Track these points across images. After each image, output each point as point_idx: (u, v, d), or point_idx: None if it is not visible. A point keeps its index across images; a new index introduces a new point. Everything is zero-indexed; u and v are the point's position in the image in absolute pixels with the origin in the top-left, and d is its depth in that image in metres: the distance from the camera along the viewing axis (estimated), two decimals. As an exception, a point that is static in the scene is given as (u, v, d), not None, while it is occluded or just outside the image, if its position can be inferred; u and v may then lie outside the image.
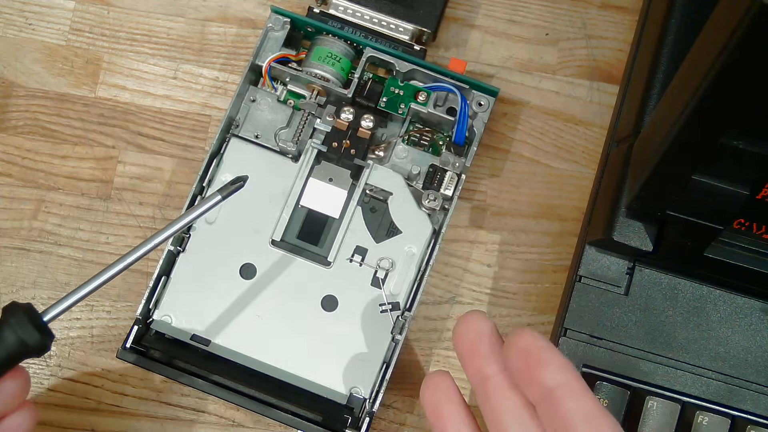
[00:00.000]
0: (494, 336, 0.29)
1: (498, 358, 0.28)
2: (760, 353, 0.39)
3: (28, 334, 0.29)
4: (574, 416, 0.25)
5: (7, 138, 0.43)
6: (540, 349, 0.26)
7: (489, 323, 0.29)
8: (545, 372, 0.26)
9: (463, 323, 0.29)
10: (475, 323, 0.29)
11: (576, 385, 0.26)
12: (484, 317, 0.29)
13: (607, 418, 0.25)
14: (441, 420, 0.29)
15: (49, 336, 0.30)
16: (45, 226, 0.43)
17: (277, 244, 0.40)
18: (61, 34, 0.45)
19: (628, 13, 0.45)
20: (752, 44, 0.24)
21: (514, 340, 0.27)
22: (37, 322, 0.30)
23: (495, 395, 0.28)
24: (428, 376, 0.30)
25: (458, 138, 0.40)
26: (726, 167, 0.31)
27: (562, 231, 0.43)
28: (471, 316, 0.29)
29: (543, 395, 0.26)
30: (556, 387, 0.26)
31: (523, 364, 0.26)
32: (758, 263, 0.36)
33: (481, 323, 0.29)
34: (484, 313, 0.29)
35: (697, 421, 0.38)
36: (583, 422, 0.25)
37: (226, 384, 0.38)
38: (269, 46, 0.42)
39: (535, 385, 0.26)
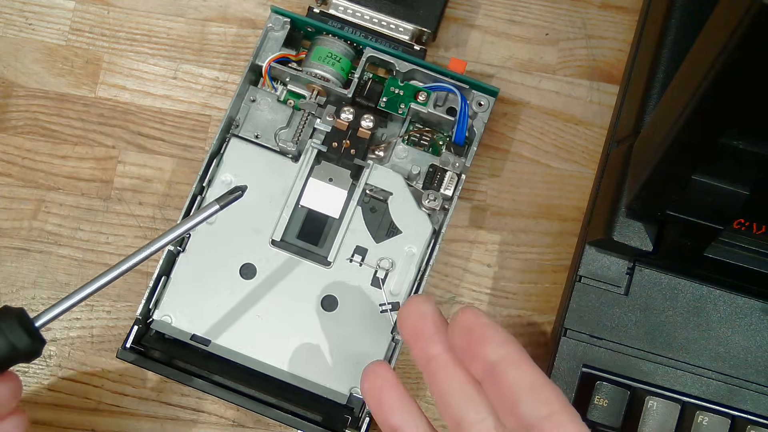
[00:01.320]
0: (437, 317, 0.29)
1: (442, 338, 0.28)
2: (760, 353, 0.39)
3: (18, 338, 0.29)
4: (517, 387, 0.25)
5: (7, 138, 0.43)
6: (482, 325, 0.26)
7: (432, 305, 0.29)
8: (487, 347, 0.26)
9: (405, 307, 0.29)
10: (418, 306, 0.29)
11: (517, 357, 0.26)
12: (427, 300, 0.29)
13: (551, 387, 0.26)
14: (383, 408, 0.29)
15: (40, 341, 0.30)
16: (45, 226, 0.43)
17: (277, 244, 0.40)
18: (61, 34, 0.45)
19: (628, 13, 0.45)
20: (752, 44, 0.24)
21: (456, 319, 0.27)
22: (28, 327, 0.30)
23: (440, 374, 0.28)
24: (365, 367, 0.30)
25: (458, 138, 0.40)
26: (726, 167, 0.31)
27: (562, 231, 0.43)
28: (414, 300, 0.29)
29: (486, 370, 0.26)
30: (498, 361, 0.26)
31: (466, 341, 0.27)
32: (758, 263, 0.36)
33: (424, 305, 0.29)
34: (428, 296, 0.30)
35: (697, 421, 0.38)
36: (527, 392, 0.25)
37: (226, 384, 0.38)
38: (269, 46, 0.42)
39: (478, 361, 0.26)
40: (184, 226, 0.34)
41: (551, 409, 0.25)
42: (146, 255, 0.33)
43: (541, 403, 0.25)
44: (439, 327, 0.28)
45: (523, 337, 0.42)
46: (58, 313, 0.31)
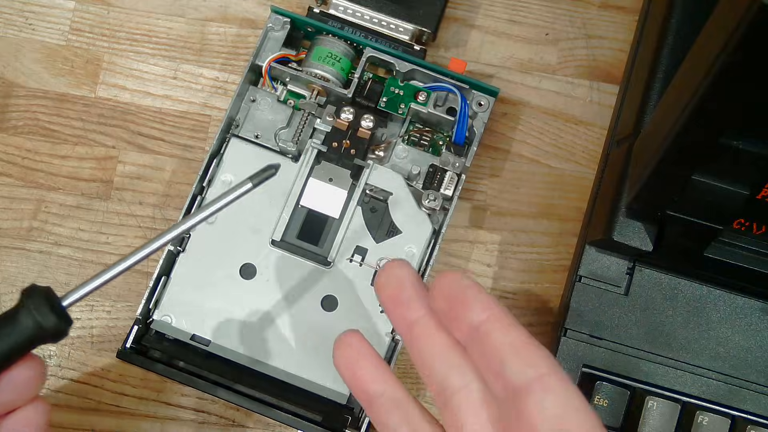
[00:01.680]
0: (416, 281, 0.27)
1: (423, 303, 0.27)
2: (760, 353, 0.39)
3: (44, 317, 0.28)
4: (503, 349, 0.24)
5: (7, 138, 0.43)
6: (463, 288, 0.25)
7: (410, 268, 0.28)
8: (469, 309, 0.25)
9: (382, 272, 0.28)
10: (396, 270, 0.28)
11: (501, 319, 0.25)
12: (404, 263, 0.28)
13: (538, 348, 0.24)
14: (358, 379, 0.28)
15: (66, 321, 0.29)
16: (45, 226, 0.43)
17: (277, 244, 0.40)
18: (61, 34, 0.45)
19: (628, 13, 0.45)
20: (752, 44, 0.24)
21: (437, 283, 0.26)
22: (55, 306, 0.29)
23: (422, 338, 0.27)
24: (337, 338, 0.29)
25: (458, 138, 0.40)
26: (726, 167, 0.31)
27: (562, 231, 0.43)
28: (391, 264, 0.28)
29: (470, 333, 0.25)
30: (481, 323, 0.25)
31: (448, 305, 0.26)
32: (758, 263, 0.36)
33: (402, 269, 0.28)
34: (405, 260, 0.28)
35: (697, 421, 0.38)
36: (512, 354, 0.24)
37: (226, 384, 0.38)
38: (269, 46, 0.42)
39: (461, 323, 0.25)
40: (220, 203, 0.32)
41: (539, 371, 0.24)
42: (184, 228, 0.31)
43: (528, 364, 0.24)
44: (419, 291, 0.27)
45: (523, 337, 0.42)
46: (87, 292, 0.30)
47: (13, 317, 0.29)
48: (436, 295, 0.26)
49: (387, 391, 0.28)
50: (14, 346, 0.28)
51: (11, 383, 0.29)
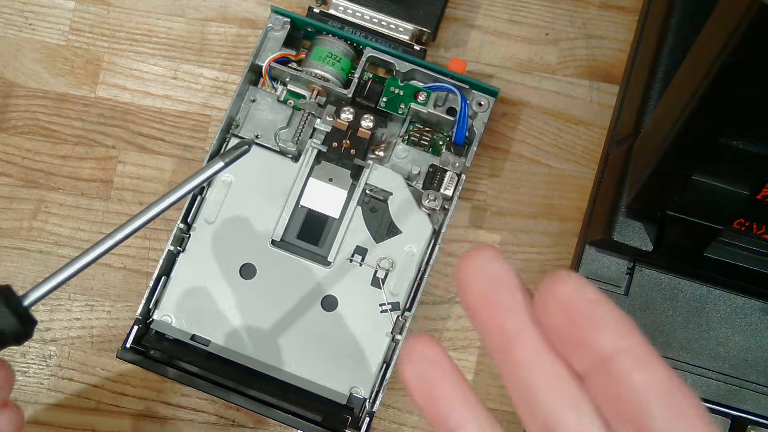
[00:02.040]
0: (517, 281, 0.21)
1: (525, 311, 0.20)
2: (760, 353, 0.39)
3: (4, 320, 0.26)
4: (646, 393, 0.19)
5: (7, 138, 0.43)
6: (590, 303, 0.19)
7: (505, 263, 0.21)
8: (600, 334, 0.19)
9: (469, 262, 0.21)
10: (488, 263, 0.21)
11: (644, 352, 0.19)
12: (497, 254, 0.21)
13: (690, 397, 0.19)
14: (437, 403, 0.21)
15: (30, 322, 0.27)
16: (45, 226, 0.43)
17: (277, 244, 0.40)
18: (61, 34, 0.45)
19: (628, 13, 0.45)
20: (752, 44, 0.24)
21: (553, 288, 0.19)
22: (14, 305, 0.27)
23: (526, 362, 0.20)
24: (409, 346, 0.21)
25: (458, 138, 0.40)
26: (726, 167, 0.31)
27: (562, 231, 0.43)
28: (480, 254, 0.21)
29: (596, 364, 0.19)
30: (616, 354, 0.19)
31: (567, 321, 0.19)
32: (758, 263, 0.36)
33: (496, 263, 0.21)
34: (495, 249, 0.21)
35: (697, 421, 0.38)
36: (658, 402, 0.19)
37: (226, 384, 0.38)
38: (269, 46, 0.42)
39: (585, 350, 0.19)
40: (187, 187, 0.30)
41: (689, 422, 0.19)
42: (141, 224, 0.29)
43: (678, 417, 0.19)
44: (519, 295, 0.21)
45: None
46: (51, 289, 0.28)
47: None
48: (550, 306, 0.20)
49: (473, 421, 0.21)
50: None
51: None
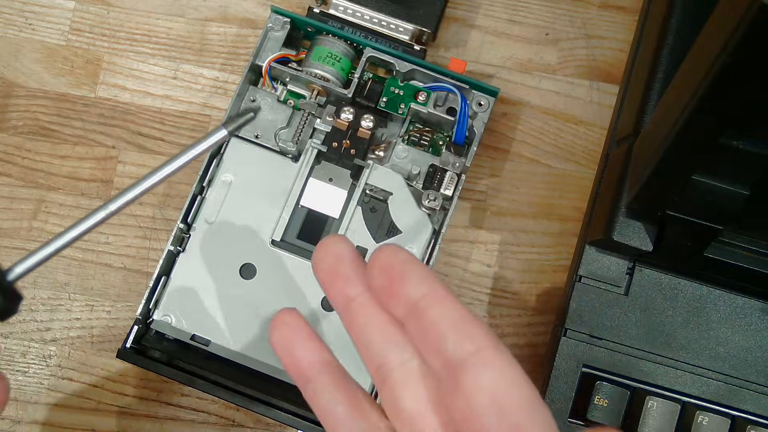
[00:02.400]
0: (355, 257, 0.27)
1: (361, 279, 0.26)
2: (760, 353, 0.39)
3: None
4: (441, 324, 0.24)
5: (7, 138, 0.44)
6: (401, 262, 0.25)
7: (348, 243, 0.27)
8: (407, 285, 0.24)
9: (320, 247, 0.27)
10: (334, 246, 0.27)
11: (440, 294, 0.24)
12: (342, 238, 0.27)
13: (477, 323, 0.24)
14: (295, 358, 0.27)
15: (14, 298, 0.26)
16: (45, 226, 0.43)
17: (277, 244, 0.40)
18: (61, 34, 0.45)
19: (628, 13, 0.45)
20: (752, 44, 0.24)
21: (375, 257, 0.25)
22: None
23: (360, 315, 0.26)
24: (274, 318, 0.28)
25: (458, 138, 0.40)
26: (726, 167, 0.31)
27: (562, 231, 0.43)
28: (329, 239, 0.27)
29: (408, 309, 0.24)
30: (420, 298, 0.24)
31: (386, 280, 0.25)
32: (758, 263, 0.36)
33: (340, 244, 0.27)
34: (342, 236, 0.28)
35: (697, 421, 0.38)
36: (451, 329, 0.23)
37: (226, 384, 0.38)
38: (269, 46, 0.42)
39: (399, 299, 0.25)
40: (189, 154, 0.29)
41: (477, 346, 0.23)
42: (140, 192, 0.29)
43: (466, 339, 0.23)
44: (358, 267, 0.27)
45: (523, 337, 0.42)
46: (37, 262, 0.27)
47: None
48: (374, 270, 0.25)
49: (326, 371, 0.27)
50: None
51: None
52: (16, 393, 0.41)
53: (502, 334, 0.42)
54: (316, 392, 0.27)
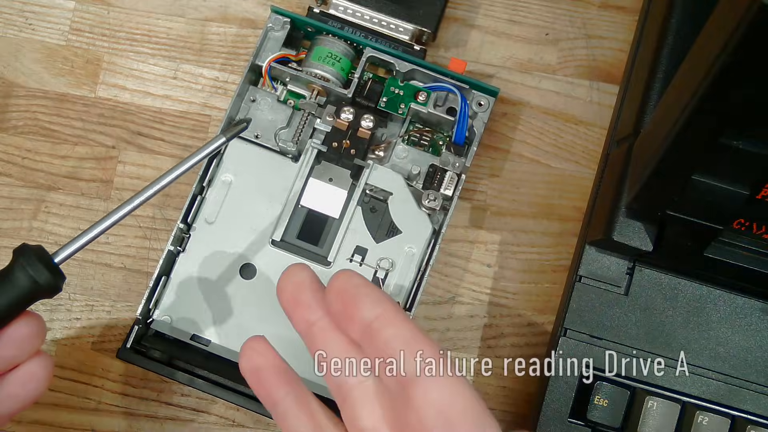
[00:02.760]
0: (315, 284, 0.29)
1: (320, 304, 0.28)
2: (760, 353, 0.39)
3: (38, 273, 0.30)
4: (393, 343, 0.25)
5: (7, 138, 0.44)
6: (355, 286, 0.27)
7: (308, 272, 0.29)
8: (361, 307, 0.26)
9: (283, 277, 0.29)
10: (295, 274, 0.29)
11: (392, 315, 0.26)
12: (303, 267, 0.29)
13: (425, 340, 0.25)
14: (263, 384, 0.29)
15: (60, 276, 0.31)
16: (45, 226, 0.43)
17: (277, 244, 0.40)
18: (61, 34, 0.45)
19: (628, 13, 0.45)
20: (752, 44, 0.24)
21: (331, 284, 0.27)
22: (48, 262, 0.30)
23: (319, 339, 0.28)
24: (244, 345, 0.30)
25: (458, 138, 0.40)
26: (726, 167, 0.31)
27: (562, 231, 0.43)
28: (291, 269, 0.29)
29: (363, 330, 0.26)
30: (373, 319, 0.26)
31: (342, 304, 0.27)
32: (758, 263, 0.36)
33: (301, 273, 0.29)
34: (304, 264, 0.30)
35: (697, 421, 0.38)
36: (402, 346, 0.25)
37: (226, 384, 0.38)
38: (269, 46, 0.42)
39: (354, 322, 0.26)
40: (192, 160, 0.34)
41: (427, 361, 0.25)
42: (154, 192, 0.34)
43: (415, 356, 0.25)
44: (317, 293, 0.28)
45: (523, 337, 0.42)
46: (77, 249, 0.32)
47: (8, 275, 0.30)
48: (332, 296, 0.27)
49: (291, 395, 0.29)
50: (11, 303, 0.30)
51: (11, 339, 0.30)
52: (16, 393, 0.41)
53: (502, 334, 0.42)
54: (283, 414, 0.28)
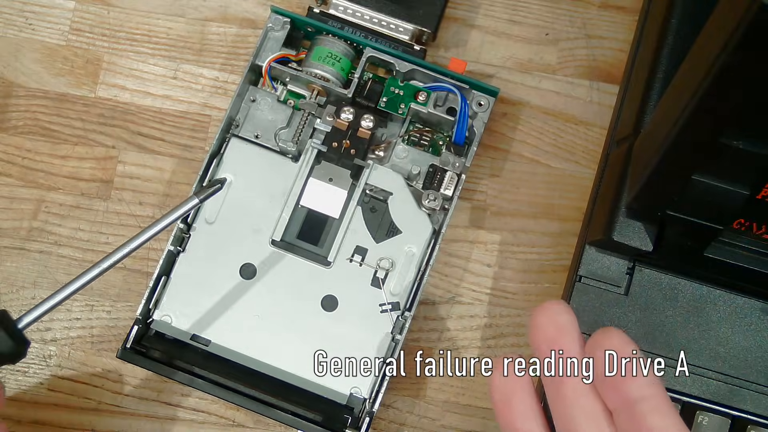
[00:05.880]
0: (577, 332, 0.27)
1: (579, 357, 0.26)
2: (760, 353, 0.39)
3: (1, 342, 0.30)
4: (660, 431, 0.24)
5: (7, 138, 0.44)
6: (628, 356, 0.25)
7: (572, 316, 0.27)
8: (632, 383, 0.25)
9: (542, 314, 0.27)
10: (557, 316, 0.27)
11: (662, 400, 0.25)
12: (566, 309, 0.27)
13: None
14: (510, 409, 0.27)
15: (23, 343, 0.31)
16: (45, 226, 0.43)
17: (277, 244, 0.40)
18: (61, 34, 0.45)
19: (628, 13, 0.45)
20: (752, 44, 0.24)
21: (601, 341, 0.25)
22: (10, 329, 0.30)
23: (571, 397, 0.26)
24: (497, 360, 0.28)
25: (458, 138, 0.40)
26: (726, 167, 0.31)
27: (562, 231, 0.43)
28: (552, 307, 0.27)
29: (625, 405, 0.25)
30: (640, 399, 0.25)
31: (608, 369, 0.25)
32: (758, 263, 0.36)
33: (564, 316, 0.27)
34: (565, 304, 0.27)
35: (697, 421, 0.38)
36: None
37: (226, 384, 0.38)
38: (269, 46, 0.42)
39: (618, 393, 0.25)
40: (165, 221, 0.34)
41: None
42: (127, 252, 0.33)
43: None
44: (578, 342, 0.26)
45: (523, 337, 0.42)
46: (41, 314, 0.31)
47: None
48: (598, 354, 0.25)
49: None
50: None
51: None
52: (16, 393, 0.41)
53: (501, 334, 0.42)
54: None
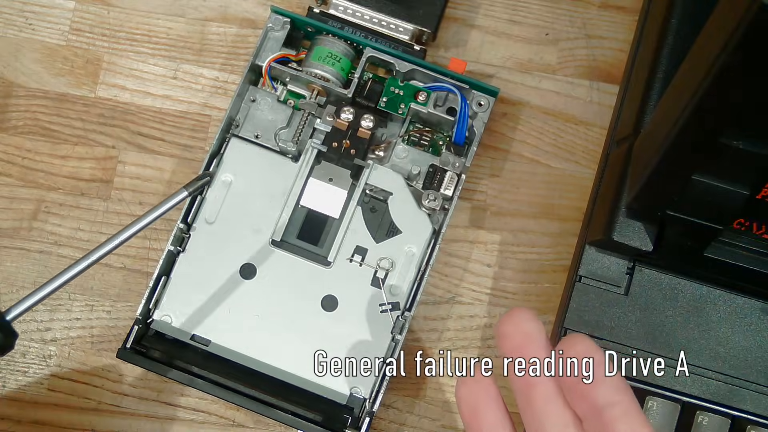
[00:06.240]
0: (544, 339, 0.27)
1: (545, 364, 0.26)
2: (760, 353, 0.39)
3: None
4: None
5: (7, 138, 0.44)
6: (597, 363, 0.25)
7: (538, 324, 0.27)
8: (599, 389, 0.25)
9: (509, 322, 0.27)
10: (523, 324, 0.27)
11: (630, 407, 0.25)
12: (531, 317, 0.27)
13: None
14: (477, 420, 0.27)
15: (12, 335, 0.30)
16: (45, 226, 0.43)
17: (277, 244, 0.40)
18: (61, 34, 0.45)
19: (628, 13, 0.45)
20: (752, 44, 0.24)
21: (567, 348, 0.25)
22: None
23: (540, 402, 0.26)
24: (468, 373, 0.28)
25: (458, 138, 0.40)
26: (726, 167, 0.31)
27: (562, 231, 0.43)
28: (518, 315, 0.27)
29: (593, 412, 0.25)
30: (608, 405, 0.24)
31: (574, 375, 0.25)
32: (758, 263, 0.36)
33: (530, 323, 0.27)
34: (531, 311, 0.27)
35: (697, 421, 0.38)
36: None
37: (226, 384, 0.38)
38: (269, 46, 0.42)
39: (586, 400, 0.25)
40: (154, 214, 0.34)
41: None
42: (117, 243, 0.33)
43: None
44: (544, 351, 0.26)
45: (523, 337, 0.42)
46: (29, 306, 0.31)
47: None
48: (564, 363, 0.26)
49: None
50: None
51: None
52: (16, 393, 0.41)
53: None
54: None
